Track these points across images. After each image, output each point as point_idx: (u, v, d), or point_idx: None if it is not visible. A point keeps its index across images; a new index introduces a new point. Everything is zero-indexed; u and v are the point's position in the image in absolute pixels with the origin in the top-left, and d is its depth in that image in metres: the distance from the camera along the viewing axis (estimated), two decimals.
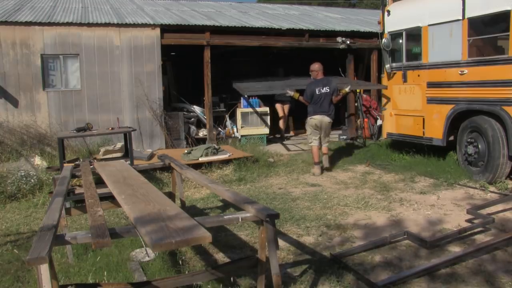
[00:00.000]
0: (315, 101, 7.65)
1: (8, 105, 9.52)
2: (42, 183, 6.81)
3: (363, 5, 29.96)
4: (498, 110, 6.30)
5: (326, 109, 7.64)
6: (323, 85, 7.66)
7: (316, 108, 7.66)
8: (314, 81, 7.82)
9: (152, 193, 3.12)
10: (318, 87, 7.65)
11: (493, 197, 5.78)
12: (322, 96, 7.62)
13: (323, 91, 7.61)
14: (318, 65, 7.87)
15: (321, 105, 7.63)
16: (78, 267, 3.88)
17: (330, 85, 7.70)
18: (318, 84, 7.70)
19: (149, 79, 10.38)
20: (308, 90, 7.76)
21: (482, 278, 3.48)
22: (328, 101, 7.65)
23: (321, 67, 7.89)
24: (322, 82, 7.72)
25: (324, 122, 7.65)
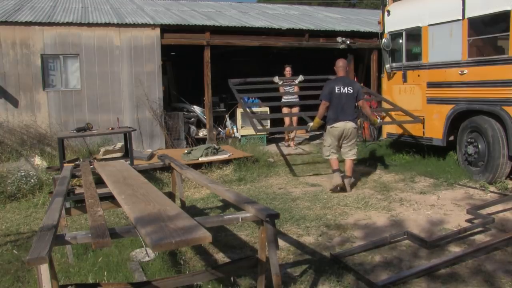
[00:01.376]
0: (335, 103, 6.32)
1: (8, 105, 9.51)
2: (42, 183, 6.81)
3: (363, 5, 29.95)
4: (498, 110, 6.30)
5: (350, 113, 6.34)
6: (345, 84, 6.34)
7: (337, 113, 6.30)
8: (334, 79, 6.69)
9: (152, 193, 3.12)
10: (338, 85, 6.33)
11: (493, 197, 5.78)
12: (343, 97, 6.28)
13: (343, 91, 6.29)
14: (343, 62, 6.62)
15: (342, 108, 6.27)
16: (78, 267, 3.88)
17: (353, 86, 6.43)
18: (338, 82, 6.40)
19: (149, 79, 10.38)
20: (326, 88, 6.43)
21: (482, 278, 3.48)
22: (351, 104, 6.36)
23: (346, 64, 6.68)
24: (343, 81, 6.40)
25: (348, 129, 6.30)
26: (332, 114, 6.34)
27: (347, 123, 6.28)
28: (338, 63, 6.57)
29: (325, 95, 6.37)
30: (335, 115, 6.30)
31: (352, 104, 6.35)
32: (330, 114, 6.37)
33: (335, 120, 6.29)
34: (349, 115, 6.31)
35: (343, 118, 6.27)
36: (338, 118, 6.27)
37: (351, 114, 6.33)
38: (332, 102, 6.31)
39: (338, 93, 6.27)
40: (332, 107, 6.33)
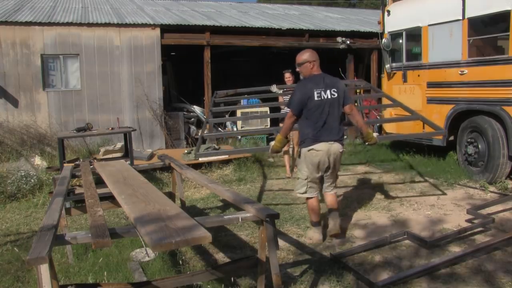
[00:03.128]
0: (315, 115, 4.19)
1: (8, 105, 9.52)
2: (42, 183, 6.81)
3: (363, 5, 29.96)
4: (498, 110, 6.30)
5: (336, 128, 4.26)
6: (327, 86, 4.23)
7: (317, 130, 4.20)
8: (307, 80, 4.34)
9: (152, 193, 3.12)
10: (317, 88, 4.20)
11: (493, 197, 5.78)
12: (326, 105, 4.19)
13: (326, 96, 4.20)
14: (310, 54, 4.37)
15: (326, 122, 4.20)
16: (78, 267, 3.88)
17: (338, 86, 4.30)
18: (316, 83, 4.23)
19: (149, 79, 10.38)
20: (297, 92, 4.26)
21: (482, 278, 3.47)
22: (337, 115, 4.27)
23: (316, 56, 4.40)
24: (324, 80, 4.26)
25: (334, 154, 4.28)
26: (310, 131, 4.21)
27: (332, 145, 4.20)
28: (303, 56, 4.33)
29: (297, 103, 4.20)
30: (314, 133, 4.19)
31: (338, 114, 4.25)
32: (307, 131, 4.24)
33: (315, 140, 4.19)
34: (335, 132, 4.23)
35: (326, 137, 4.19)
36: (319, 138, 4.18)
37: (337, 130, 4.25)
38: (310, 114, 4.19)
39: (318, 101, 4.15)
40: (310, 121, 4.21)
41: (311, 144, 4.21)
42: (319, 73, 4.29)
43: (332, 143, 4.21)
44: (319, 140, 4.19)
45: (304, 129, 4.26)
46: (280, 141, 4.33)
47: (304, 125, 4.26)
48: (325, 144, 4.20)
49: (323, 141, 4.19)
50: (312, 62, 4.29)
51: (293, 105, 4.23)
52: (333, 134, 4.21)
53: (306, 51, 4.32)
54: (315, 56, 4.31)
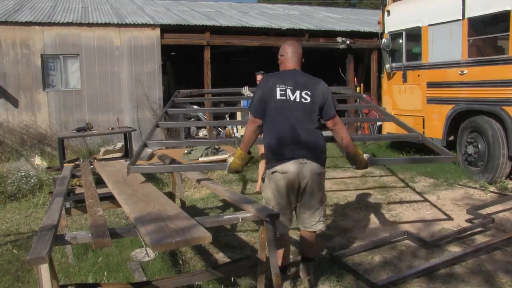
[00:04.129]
0: (278, 121, 3.11)
1: (8, 105, 9.52)
2: (42, 183, 6.81)
3: (363, 5, 29.96)
4: (498, 110, 6.30)
5: (309, 144, 3.10)
6: (296, 85, 3.15)
7: (282, 143, 3.09)
8: (273, 74, 3.30)
9: (152, 193, 3.12)
10: (281, 84, 3.15)
11: (493, 197, 5.78)
12: (294, 109, 3.10)
13: (294, 99, 3.11)
14: (284, 46, 3.37)
15: (294, 132, 3.08)
16: (78, 267, 3.88)
17: (315, 88, 3.17)
18: (282, 78, 3.21)
19: (149, 79, 10.38)
20: (257, 92, 3.23)
21: (482, 278, 3.48)
22: (310, 126, 3.12)
23: (300, 50, 3.37)
24: (295, 78, 3.20)
25: (308, 178, 3.11)
26: (273, 145, 3.10)
27: (304, 165, 3.05)
28: (281, 49, 3.36)
29: (256, 101, 3.16)
30: (278, 147, 3.08)
31: (312, 124, 3.11)
32: (270, 144, 3.12)
33: (281, 159, 3.07)
34: (309, 147, 3.08)
35: (295, 152, 3.06)
36: (285, 154, 3.06)
37: (312, 143, 3.09)
38: (272, 118, 3.10)
39: (280, 100, 3.08)
40: (273, 129, 3.10)
41: (275, 164, 3.05)
42: (291, 69, 3.21)
43: (304, 161, 2.99)
44: (285, 158, 3.00)
45: (267, 141, 3.09)
46: (239, 157, 3.14)
47: (266, 135, 3.10)
48: (294, 164, 2.99)
49: (291, 159, 2.99)
50: (283, 56, 3.26)
51: (253, 104, 3.13)
52: (305, 148, 3.00)
53: (284, 43, 3.34)
54: (291, 48, 3.25)
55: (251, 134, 3.18)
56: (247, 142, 3.18)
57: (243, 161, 3.21)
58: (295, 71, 3.24)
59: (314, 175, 3.10)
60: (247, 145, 3.19)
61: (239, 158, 3.19)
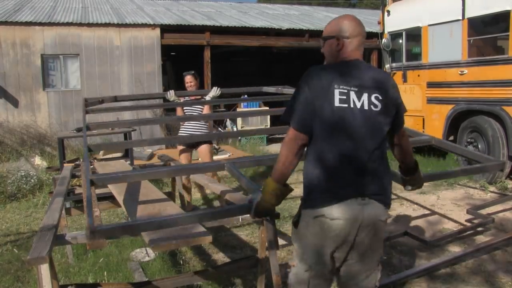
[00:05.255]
0: (332, 139, 1.93)
1: (8, 105, 9.52)
2: (42, 183, 6.81)
3: (363, 5, 29.97)
4: (498, 110, 6.30)
5: (378, 175, 1.99)
6: (363, 85, 1.97)
7: (337, 174, 1.93)
8: (328, 67, 2.05)
9: (152, 193, 3.12)
10: (342, 84, 1.95)
11: (493, 197, 5.78)
12: (360, 122, 1.93)
13: (360, 105, 1.95)
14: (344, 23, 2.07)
15: (355, 156, 1.93)
16: (78, 267, 3.88)
17: (386, 89, 2.02)
18: (342, 74, 1.97)
19: (149, 79, 10.38)
20: (301, 95, 1.96)
21: (482, 278, 3.47)
22: (380, 146, 1.99)
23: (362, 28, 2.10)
24: (360, 74, 2.00)
25: (369, 228, 1.97)
26: (321, 176, 1.97)
27: (366, 207, 1.95)
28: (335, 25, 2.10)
29: (302, 111, 1.95)
30: (332, 180, 1.95)
31: (380, 143, 2.01)
32: (315, 173, 1.98)
33: (332, 197, 1.94)
34: (377, 180, 2.00)
35: (355, 187, 1.95)
36: (340, 190, 1.94)
37: (381, 174, 2.02)
38: (324, 137, 1.95)
39: (341, 109, 1.93)
40: (323, 154, 1.96)
41: (321, 204, 1.94)
42: (354, 59, 2.04)
43: (365, 201, 1.94)
44: (339, 197, 1.92)
45: (311, 168, 1.99)
46: (273, 192, 2.04)
47: (311, 161, 1.99)
48: (352, 205, 1.92)
49: (347, 198, 1.92)
50: (343, 38, 2.04)
51: (295, 112, 1.95)
52: (370, 182, 1.96)
53: (339, 18, 2.12)
54: (354, 27, 2.06)
55: (292, 157, 1.97)
56: (285, 169, 2.00)
57: (279, 198, 2.06)
58: (358, 63, 2.04)
59: (378, 223, 1.99)
60: (284, 174, 2.01)
61: (272, 194, 2.03)
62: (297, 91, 1.99)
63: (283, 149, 2.00)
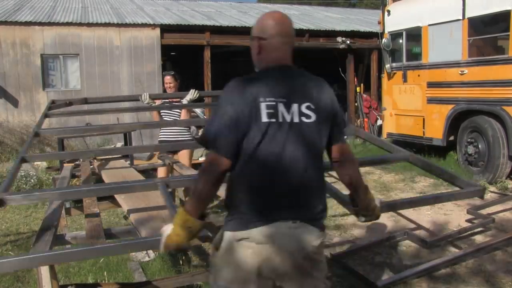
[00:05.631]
0: (260, 160, 1.65)
1: (8, 105, 9.52)
2: (42, 183, 6.81)
3: (363, 5, 29.97)
4: (498, 110, 6.30)
5: (310, 194, 1.74)
6: (292, 95, 1.71)
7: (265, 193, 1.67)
8: (252, 78, 1.74)
9: (152, 193, 3.12)
10: (270, 96, 1.67)
11: (493, 197, 5.78)
12: (290, 136, 1.67)
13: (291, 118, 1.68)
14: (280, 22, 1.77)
15: (288, 177, 1.67)
16: (78, 267, 3.88)
17: (319, 98, 1.75)
18: (268, 84, 1.70)
19: (149, 79, 10.38)
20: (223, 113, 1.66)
21: (482, 278, 3.47)
22: (314, 163, 1.73)
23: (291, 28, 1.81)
24: (287, 82, 1.73)
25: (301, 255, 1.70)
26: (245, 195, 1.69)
27: (296, 231, 1.69)
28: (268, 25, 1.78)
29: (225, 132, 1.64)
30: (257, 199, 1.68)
31: (315, 159, 1.75)
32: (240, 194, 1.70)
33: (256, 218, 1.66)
34: (308, 200, 1.74)
35: (285, 208, 1.69)
36: (266, 210, 1.67)
37: (315, 193, 1.77)
38: (252, 158, 1.66)
39: (269, 125, 1.65)
40: (250, 174, 1.68)
41: (246, 226, 1.67)
42: (283, 65, 1.79)
43: (297, 225, 1.69)
44: (266, 219, 1.67)
45: (236, 187, 1.72)
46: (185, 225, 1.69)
47: (236, 179, 1.72)
48: (281, 229, 1.67)
49: (277, 221, 1.67)
50: (260, 40, 1.79)
51: (217, 134, 1.66)
52: (303, 204, 1.72)
53: (261, 16, 1.84)
54: (280, 27, 1.78)
55: (211, 186, 1.67)
56: (202, 200, 1.71)
57: (192, 233, 1.71)
58: (287, 70, 1.78)
59: (312, 250, 1.73)
60: (200, 206, 1.70)
61: (183, 227, 1.69)
62: (218, 109, 1.69)
63: (201, 177, 1.68)
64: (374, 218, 2.02)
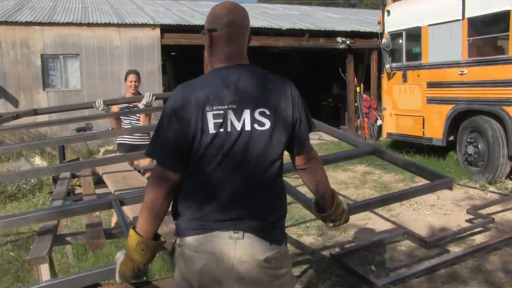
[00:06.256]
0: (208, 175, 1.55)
1: (8, 105, 9.52)
2: (42, 183, 6.81)
3: (363, 5, 29.97)
4: (498, 110, 6.30)
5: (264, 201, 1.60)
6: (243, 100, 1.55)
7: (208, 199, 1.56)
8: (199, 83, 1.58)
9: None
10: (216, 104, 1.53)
11: (493, 197, 5.78)
12: (240, 148, 1.54)
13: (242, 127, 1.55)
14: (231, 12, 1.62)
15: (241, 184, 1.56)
16: (78, 267, 3.88)
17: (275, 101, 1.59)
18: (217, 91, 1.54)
19: (149, 79, 10.38)
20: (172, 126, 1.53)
21: (482, 278, 3.47)
22: (269, 170, 1.60)
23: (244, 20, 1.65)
24: (238, 84, 1.56)
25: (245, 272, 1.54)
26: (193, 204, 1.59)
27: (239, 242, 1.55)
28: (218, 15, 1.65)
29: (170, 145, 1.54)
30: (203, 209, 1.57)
31: (271, 171, 1.62)
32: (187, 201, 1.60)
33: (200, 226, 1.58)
34: (259, 210, 1.60)
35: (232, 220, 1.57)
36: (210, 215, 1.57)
37: (265, 205, 1.61)
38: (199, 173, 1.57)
39: (215, 136, 1.53)
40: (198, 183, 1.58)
41: (185, 232, 1.61)
42: (236, 64, 1.62)
43: (239, 236, 1.56)
44: (206, 227, 1.57)
45: (180, 198, 1.62)
46: (138, 248, 1.58)
47: (181, 190, 1.61)
48: (220, 239, 1.56)
49: (217, 230, 1.56)
50: (211, 32, 1.65)
51: (161, 147, 1.56)
52: (250, 214, 1.58)
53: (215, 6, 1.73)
54: (232, 17, 1.63)
55: (161, 201, 1.57)
56: (153, 217, 1.59)
57: (146, 255, 1.61)
58: (238, 69, 1.61)
59: (259, 264, 1.57)
60: (151, 224, 1.59)
61: (136, 250, 1.58)
62: (163, 120, 1.56)
63: (149, 192, 1.57)
64: (343, 222, 1.93)
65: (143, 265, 1.60)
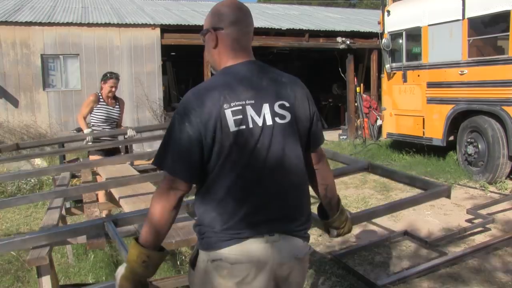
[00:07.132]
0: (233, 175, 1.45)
1: (8, 105, 9.53)
2: (42, 183, 6.81)
3: (363, 5, 29.98)
4: (498, 110, 6.30)
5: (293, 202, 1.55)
6: (261, 94, 1.50)
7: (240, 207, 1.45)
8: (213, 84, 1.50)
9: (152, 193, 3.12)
10: (233, 99, 1.45)
11: (493, 197, 5.78)
12: (265, 141, 1.46)
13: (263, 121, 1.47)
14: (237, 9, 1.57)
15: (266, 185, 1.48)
16: (78, 267, 3.88)
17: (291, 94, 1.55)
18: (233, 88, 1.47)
19: (149, 79, 10.39)
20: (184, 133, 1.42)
21: (482, 278, 3.47)
22: (295, 167, 1.53)
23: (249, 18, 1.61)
24: (253, 80, 1.52)
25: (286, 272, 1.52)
26: (220, 212, 1.47)
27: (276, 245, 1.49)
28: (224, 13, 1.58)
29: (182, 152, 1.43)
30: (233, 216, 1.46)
31: (297, 162, 1.55)
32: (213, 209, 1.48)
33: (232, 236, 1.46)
34: (293, 208, 1.56)
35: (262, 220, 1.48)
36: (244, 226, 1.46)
37: (297, 201, 1.57)
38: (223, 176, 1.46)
39: (238, 133, 1.44)
40: (222, 186, 1.47)
41: (217, 246, 1.47)
42: (242, 61, 1.57)
43: (275, 239, 1.50)
44: (239, 236, 1.47)
45: (206, 206, 1.51)
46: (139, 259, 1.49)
47: (206, 198, 1.51)
48: (256, 245, 1.47)
49: (251, 237, 1.47)
50: (216, 31, 1.59)
51: (174, 159, 1.45)
52: (283, 216, 1.53)
53: (216, 5, 1.69)
54: (232, 13, 1.58)
55: (168, 214, 1.49)
56: (158, 229, 1.51)
57: (149, 268, 1.52)
58: (250, 65, 1.58)
59: (295, 261, 1.55)
60: (157, 236, 1.52)
61: (138, 262, 1.50)
62: (173, 127, 1.45)
63: (156, 204, 1.47)
64: (347, 231, 1.93)
65: (144, 278, 1.53)
